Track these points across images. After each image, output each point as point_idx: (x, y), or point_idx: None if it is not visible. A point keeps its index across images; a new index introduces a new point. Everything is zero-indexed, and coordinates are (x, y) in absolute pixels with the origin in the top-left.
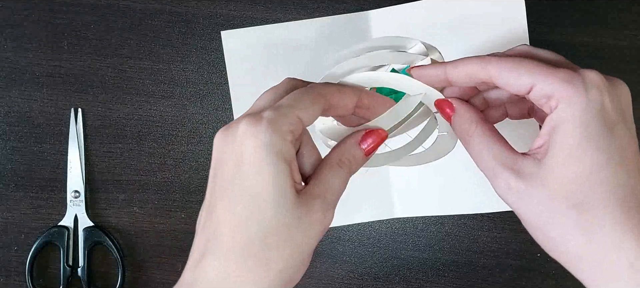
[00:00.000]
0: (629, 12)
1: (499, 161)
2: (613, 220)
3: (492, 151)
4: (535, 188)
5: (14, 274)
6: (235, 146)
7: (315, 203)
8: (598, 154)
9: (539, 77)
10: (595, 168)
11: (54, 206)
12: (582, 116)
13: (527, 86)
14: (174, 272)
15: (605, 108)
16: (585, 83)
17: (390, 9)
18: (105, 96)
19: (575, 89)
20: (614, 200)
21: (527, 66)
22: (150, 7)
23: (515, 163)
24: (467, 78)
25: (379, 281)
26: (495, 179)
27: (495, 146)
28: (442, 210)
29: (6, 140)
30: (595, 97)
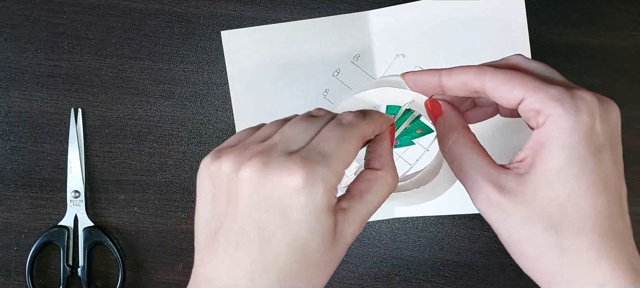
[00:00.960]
0: (629, 12)
1: (479, 173)
2: (589, 244)
3: (472, 162)
4: (515, 204)
5: (14, 274)
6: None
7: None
8: (580, 180)
9: (529, 91)
10: (577, 193)
11: (54, 206)
12: (568, 139)
13: (518, 99)
14: (174, 272)
15: (593, 131)
16: (575, 104)
17: (390, 9)
18: (105, 96)
19: (565, 109)
20: (591, 225)
21: (520, 79)
22: (150, 7)
23: (496, 176)
24: (461, 86)
25: (379, 281)
26: (474, 191)
27: (476, 157)
28: (442, 210)
29: (6, 140)
30: (584, 119)
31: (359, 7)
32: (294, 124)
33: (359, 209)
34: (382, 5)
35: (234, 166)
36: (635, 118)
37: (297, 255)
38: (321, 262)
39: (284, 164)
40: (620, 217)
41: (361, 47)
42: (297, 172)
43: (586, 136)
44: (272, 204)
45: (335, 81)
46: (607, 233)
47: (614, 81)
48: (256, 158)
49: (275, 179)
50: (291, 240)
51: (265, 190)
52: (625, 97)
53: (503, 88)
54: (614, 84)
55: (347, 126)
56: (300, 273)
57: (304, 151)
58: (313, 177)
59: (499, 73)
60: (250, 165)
